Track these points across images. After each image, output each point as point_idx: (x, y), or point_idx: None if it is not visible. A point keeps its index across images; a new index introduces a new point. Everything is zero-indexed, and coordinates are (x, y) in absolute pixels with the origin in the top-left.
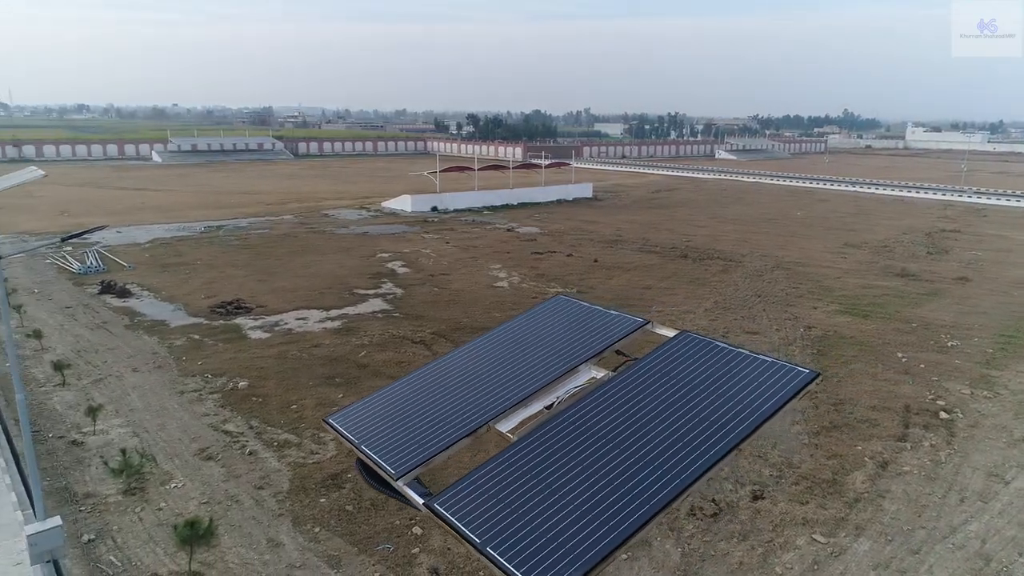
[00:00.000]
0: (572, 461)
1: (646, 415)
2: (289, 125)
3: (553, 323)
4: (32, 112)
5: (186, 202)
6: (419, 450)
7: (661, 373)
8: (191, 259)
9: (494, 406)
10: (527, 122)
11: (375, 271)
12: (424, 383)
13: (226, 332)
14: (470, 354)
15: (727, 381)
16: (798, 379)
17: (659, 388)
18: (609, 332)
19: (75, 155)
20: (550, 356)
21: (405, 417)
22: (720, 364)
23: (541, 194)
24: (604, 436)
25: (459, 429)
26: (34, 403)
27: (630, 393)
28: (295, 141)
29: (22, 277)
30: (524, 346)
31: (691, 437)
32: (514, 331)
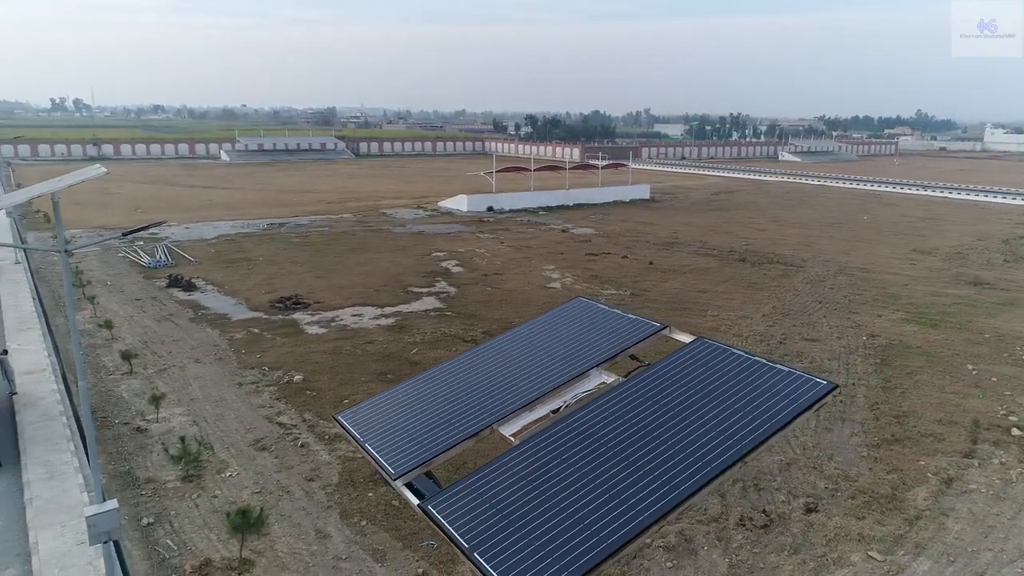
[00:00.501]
0: (569, 468)
1: (650, 423)
2: (351, 125)
3: (569, 326)
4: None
5: (251, 200)
6: (421, 451)
7: (671, 380)
8: (253, 255)
9: (499, 409)
10: (586, 123)
11: (429, 270)
12: (434, 383)
13: (284, 327)
14: (482, 355)
15: (740, 390)
16: (815, 390)
17: (667, 396)
18: (624, 337)
19: (149, 154)
20: (561, 359)
21: (411, 417)
22: (734, 372)
23: (597, 195)
24: (605, 444)
25: (462, 431)
26: (103, 390)
27: (636, 400)
28: (356, 141)
29: (97, 270)
30: (536, 348)
31: (695, 448)
32: (529, 333)
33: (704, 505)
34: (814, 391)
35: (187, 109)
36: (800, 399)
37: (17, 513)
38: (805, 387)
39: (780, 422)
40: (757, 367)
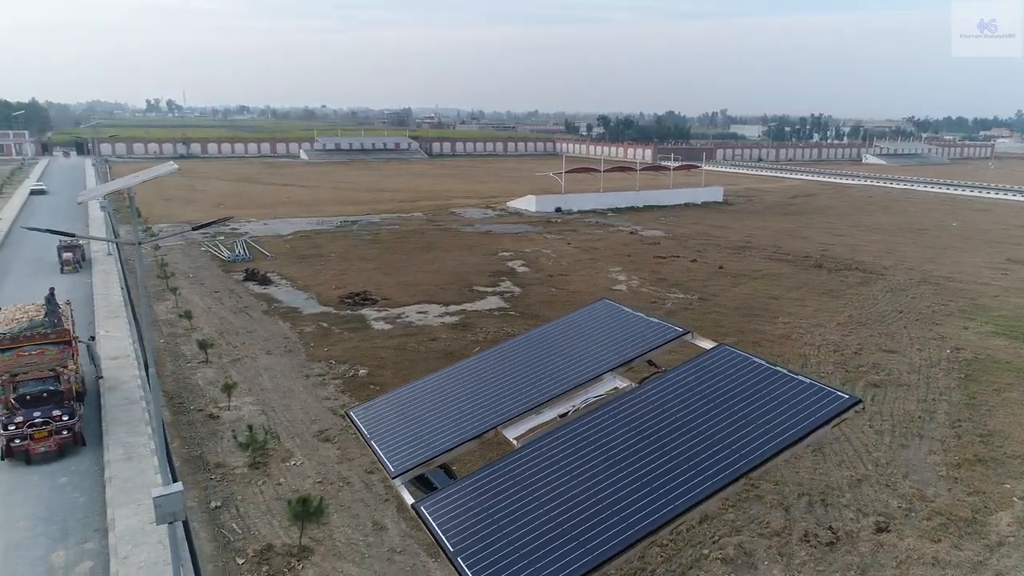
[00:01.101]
0: (565, 475)
1: (655, 432)
2: (425, 126)
3: (589, 328)
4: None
5: (326, 197)
6: (423, 450)
7: (683, 388)
8: (326, 251)
9: (506, 411)
10: (659, 123)
11: (495, 269)
12: (448, 382)
13: (352, 322)
14: (498, 355)
15: (754, 401)
16: (834, 405)
17: (676, 404)
18: (643, 341)
19: (233, 152)
20: (576, 362)
21: (418, 415)
22: (752, 382)
23: (668, 197)
24: (605, 452)
25: (466, 432)
26: (181, 377)
27: (644, 407)
28: (429, 141)
29: (181, 263)
30: (553, 350)
31: (697, 460)
32: (548, 334)
33: (817, 518)
34: (833, 405)
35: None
36: (817, 413)
37: (98, 491)
38: (824, 401)
39: (792, 437)
40: (777, 378)
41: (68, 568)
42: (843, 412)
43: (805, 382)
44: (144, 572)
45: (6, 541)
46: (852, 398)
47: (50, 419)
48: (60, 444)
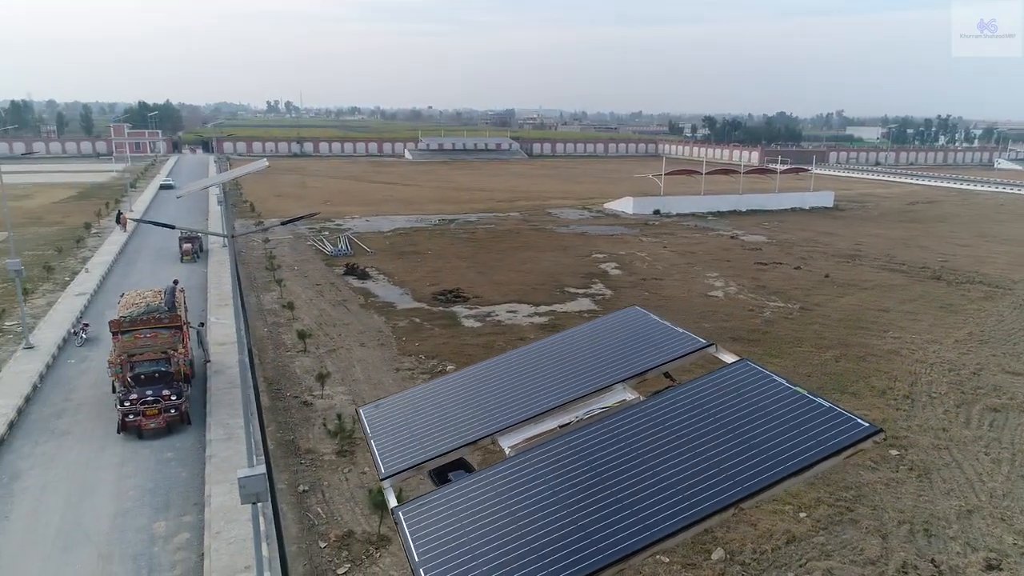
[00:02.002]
0: (547, 491)
1: (650, 451)
2: (527, 126)
3: (609, 336)
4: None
5: (427, 196)
6: (417, 453)
7: (690, 404)
8: (423, 248)
9: (506, 418)
10: (768, 125)
11: (588, 271)
12: (457, 385)
13: (443, 318)
14: (512, 360)
15: (764, 423)
16: (849, 433)
17: (680, 421)
18: (661, 352)
19: (343, 151)
20: (587, 371)
21: (421, 417)
22: (765, 402)
23: (774, 201)
24: (592, 468)
25: (463, 438)
26: (280, 365)
27: (644, 423)
28: (530, 142)
29: (287, 256)
30: (567, 357)
31: (689, 483)
32: (566, 341)
33: (919, 549)
34: (849, 434)
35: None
36: (829, 442)
37: (198, 468)
38: (841, 428)
39: (796, 466)
40: (794, 399)
41: (167, 538)
42: (859, 442)
43: (823, 406)
44: (233, 548)
45: (116, 508)
46: (871, 427)
47: (160, 398)
48: (168, 422)
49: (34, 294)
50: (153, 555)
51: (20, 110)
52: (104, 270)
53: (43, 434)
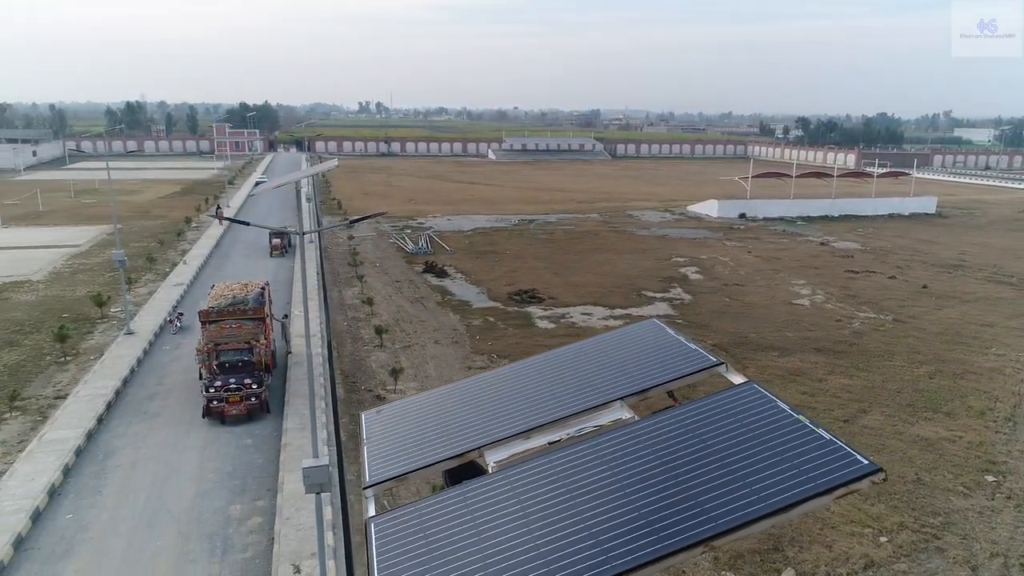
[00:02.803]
0: (517, 513)
1: (628, 476)
2: (613, 127)
3: (620, 349)
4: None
5: (508, 196)
6: (403, 463)
7: (682, 428)
8: (501, 248)
9: (500, 431)
10: (867, 126)
11: (667, 275)
12: (461, 393)
13: (517, 318)
14: (517, 371)
15: (756, 452)
16: (847, 470)
17: (667, 446)
18: (666, 370)
19: (429, 151)
20: (587, 386)
21: (417, 426)
22: (762, 429)
23: (869, 206)
24: (567, 491)
25: (449, 449)
26: (357, 359)
27: (631, 446)
28: (614, 143)
29: (370, 253)
30: (570, 370)
31: (660, 516)
32: (576, 352)
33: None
34: (844, 471)
35: (466, 111)
36: (821, 479)
37: (274, 455)
38: (837, 464)
39: (779, 503)
40: (794, 428)
41: (241, 520)
42: (853, 481)
43: (823, 438)
44: (302, 534)
45: (197, 489)
46: (870, 465)
47: (242, 386)
48: (249, 409)
49: (137, 283)
50: (227, 536)
51: (134, 110)
52: (200, 262)
53: (136, 415)
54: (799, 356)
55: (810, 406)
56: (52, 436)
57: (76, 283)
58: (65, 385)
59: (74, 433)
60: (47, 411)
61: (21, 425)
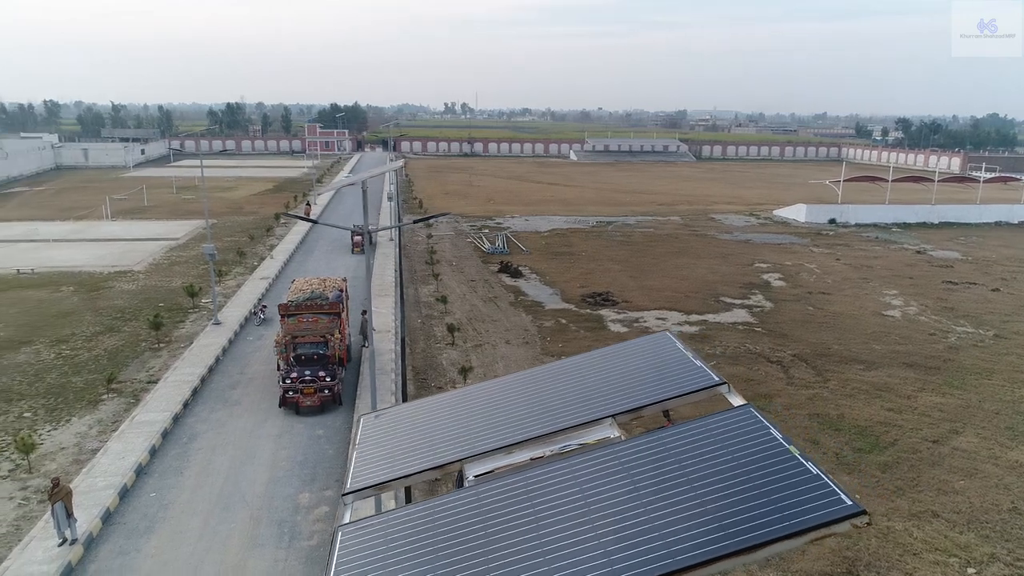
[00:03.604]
0: (479, 532)
1: (598, 502)
2: (699, 128)
3: (623, 363)
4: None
5: (587, 197)
6: (385, 471)
7: (665, 452)
8: (577, 250)
9: (487, 442)
10: (976, 128)
11: (748, 281)
12: (455, 402)
13: (589, 321)
14: (513, 383)
15: (736, 484)
16: (826, 511)
17: (645, 470)
18: (667, 387)
19: (510, 152)
20: (584, 400)
21: (407, 433)
22: (747, 459)
23: (973, 213)
24: (534, 513)
25: (437, 459)
26: (428, 356)
27: (607, 469)
28: (700, 144)
29: (448, 252)
30: (571, 383)
31: (617, 548)
32: (577, 365)
33: None
34: (824, 512)
35: (550, 112)
36: (797, 518)
37: (344, 446)
38: (818, 503)
39: (746, 542)
40: (780, 459)
41: (309, 509)
42: (831, 523)
43: (809, 473)
44: None
45: (270, 476)
46: (853, 507)
47: (316, 378)
48: (322, 401)
49: (227, 276)
50: (295, 523)
51: (234, 111)
52: (286, 257)
53: (219, 402)
54: (886, 370)
55: (895, 424)
56: (142, 418)
57: (172, 274)
58: (157, 370)
59: (162, 416)
60: (140, 394)
61: (116, 406)
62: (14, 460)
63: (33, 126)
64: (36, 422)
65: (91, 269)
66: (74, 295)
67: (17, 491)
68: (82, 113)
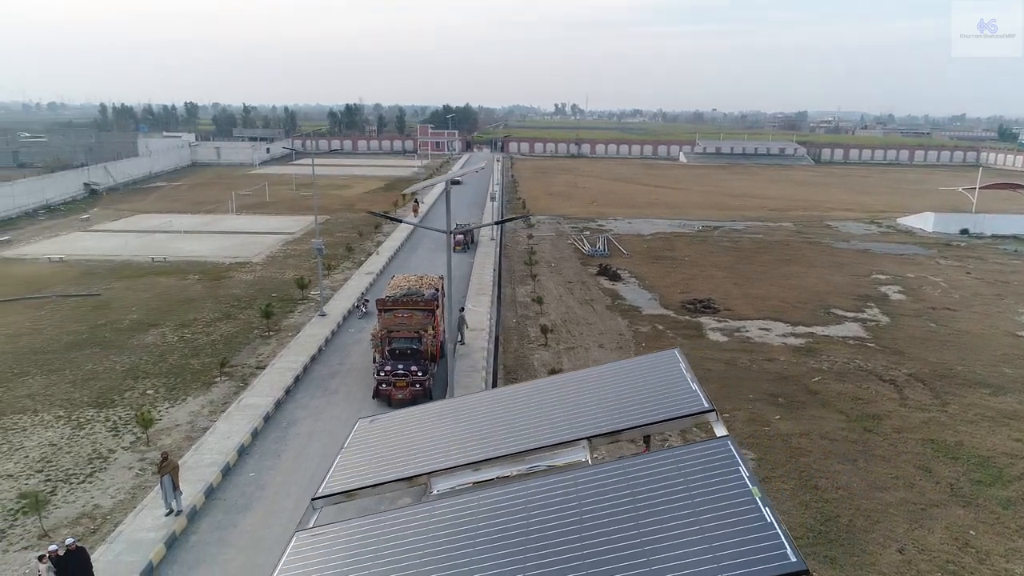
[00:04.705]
0: (416, 553)
1: (540, 531)
2: (820, 130)
3: (621, 382)
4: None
5: (694, 201)
6: (361, 478)
7: (625, 483)
8: (680, 255)
9: (450, 459)
10: None
11: (863, 293)
12: (447, 411)
13: (687, 328)
14: (512, 393)
15: (683, 524)
16: (769, 564)
17: (595, 502)
18: (655, 411)
19: (618, 153)
20: (561, 420)
21: (392, 441)
22: (706, 497)
23: None
24: (472, 539)
25: (401, 471)
26: (520, 356)
27: (559, 496)
28: (819, 147)
29: (547, 252)
30: (555, 400)
31: None
32: (569, 381)
33: None
34: (766, 566)
35: (662, 113)
36: (734, 570)
37: None
38: (762, 555)
39: None
40: (740, 502)
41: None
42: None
43: (764, 520)
44: None
45: None
46: (798, 563)
47: (408, 372)
48: (413, 395)
49: (335, 270)
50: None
51: (352, 112)
52: (391, 253)
53: (319, 390)
54: (1017, 396)
55: (1022, 456)
56: (248, 401)
57: (286, 266)
58: (265, 357)
59: (265, 401)
60: (248, 379)
61: (227, 389)
62: (135, 433)
63: (175, 126)
64: (157, 399)
65: (215, 259)
66: (198, 283)
67: (136, 462)
68: (217, 114)
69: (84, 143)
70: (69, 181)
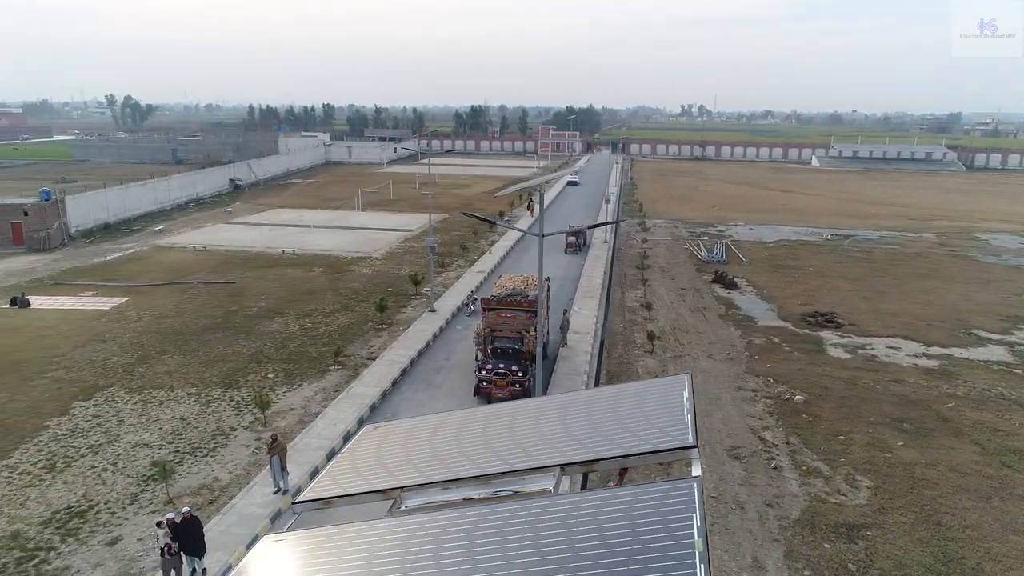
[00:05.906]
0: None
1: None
2: (976, 133)
3: (613, 407)
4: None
5: (823, 207)
6: (342, 486)
7: (576, 517)
8: (804, 264)
9: (421, 475)
10: None
11: (1013, 314)
12: (438, 424)
13: (806, 342)
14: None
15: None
16: None
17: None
18: (636, 442)
19: (744, 156)
20: (539, 444)
21: (384, 450)
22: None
23: None
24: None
25: (378, 483)
26: (624, 362)
27: (509, 528)
28: (973, 152)
29: (661, 257)
30: (542, 422)
31: None
32: (574, 401)
33: None
34: None
35: (795, 114)
36: None
37: None
38: None
39: None
40: (679, 555)
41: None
42: None
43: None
44: None
45: None
46: None
47: (508, 372)
48: (512, 394)
49: (449, 268)
50: None
51: (477, 113)
52: (503, 253)
53: (423, 384)
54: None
55: None
56: (357, 391)
57: (403, 263)
58: (376, 349)
59: (373, 391)
60: (359, 369)
61: (339, 377)
62: (254, 414)
63: (313, 126)
64: (276, 383)
65: (338, 253)
66: (321, 275)
67: (253, 440)
68: (351, 115)
69: (232, 142)
70: (217, 177)
